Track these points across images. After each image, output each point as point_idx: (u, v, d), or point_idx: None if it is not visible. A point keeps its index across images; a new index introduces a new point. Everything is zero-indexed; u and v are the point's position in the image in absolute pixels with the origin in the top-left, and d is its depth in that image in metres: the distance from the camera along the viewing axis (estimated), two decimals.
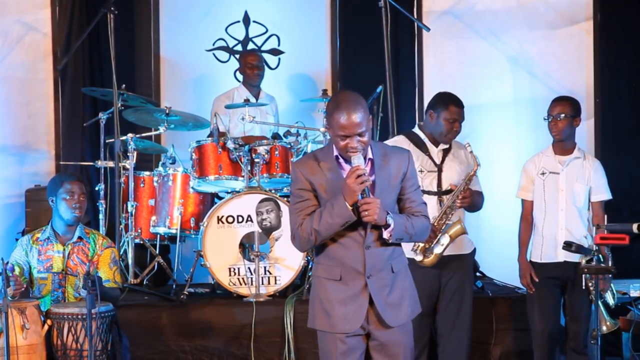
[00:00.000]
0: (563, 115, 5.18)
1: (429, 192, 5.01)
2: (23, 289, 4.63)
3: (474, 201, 5.19)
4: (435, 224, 4.98)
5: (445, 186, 5.13)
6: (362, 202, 3.75)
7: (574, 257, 5.10)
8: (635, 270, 6.09)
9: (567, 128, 5.20)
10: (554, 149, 5.29)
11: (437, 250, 5.05)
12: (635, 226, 4.74)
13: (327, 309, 3.87)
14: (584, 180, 5.22)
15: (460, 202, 5.07)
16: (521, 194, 5.36)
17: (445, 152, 5.21)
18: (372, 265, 3.85)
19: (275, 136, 6.87)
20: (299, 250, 3.96)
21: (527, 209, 5.33)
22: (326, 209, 3.79)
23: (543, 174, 5.26)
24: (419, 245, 5.02)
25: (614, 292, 5.02)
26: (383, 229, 3.84)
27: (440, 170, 5.15)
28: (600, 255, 4.78)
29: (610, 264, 4.76)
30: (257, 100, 6.93)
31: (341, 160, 3.88)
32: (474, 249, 5.38)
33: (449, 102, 5.16)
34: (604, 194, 5.25)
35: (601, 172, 5.27)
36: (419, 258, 5.03)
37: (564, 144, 5.24)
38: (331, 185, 3.83)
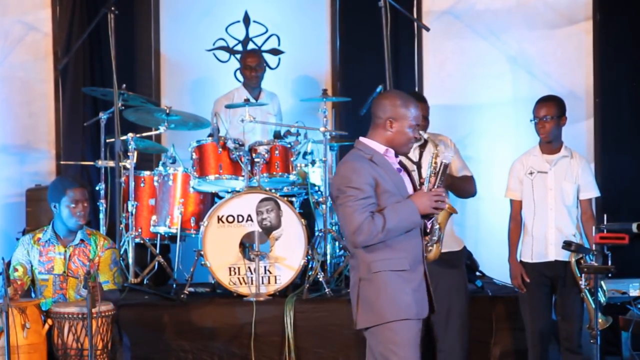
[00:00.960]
0: (549, 116, 5.20)
1: None
2: (20, 294, 4.65)
3: (455, 186, 5.19)
4: None
5: None
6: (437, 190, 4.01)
7: (565, 256, 5.11)
8: (635, 269, 6.09)
9: (554, 129, 5.22)
10: (541, 148, 5.30)
11: (434, 238, 5.07)
12: (635, 225, 4.76)
13: (407, 298, 3.94)
14: (572, 179, 5.22)
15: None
16: (509, 194, 5.36)
17: (422, 148, 5.21)
18: (424, 252, 4.10)
19: (277, 135, 6.86)
20: (360, 245, 3.91)
21: (516, 209, 5.33)
22: (398, 212, 3.90)
23: (531, 173, 5.26)
24: None
25: (604, 289, 5.03)
26: (426, 218, 4.06)
27: (419, 167, 5.16)
28: (592, 254, 4.79)
29: (609, 264, 4.78)
30: (257, 100, 6.93)
31: (388, 156, 4.01)
32: (464, 247, 5.38)
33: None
34: (592, 191, 5.27)
35: (589, 170, 5.29)
36: None
37: (551, 144, 5.26)
38: (392, 179, 3.97)
